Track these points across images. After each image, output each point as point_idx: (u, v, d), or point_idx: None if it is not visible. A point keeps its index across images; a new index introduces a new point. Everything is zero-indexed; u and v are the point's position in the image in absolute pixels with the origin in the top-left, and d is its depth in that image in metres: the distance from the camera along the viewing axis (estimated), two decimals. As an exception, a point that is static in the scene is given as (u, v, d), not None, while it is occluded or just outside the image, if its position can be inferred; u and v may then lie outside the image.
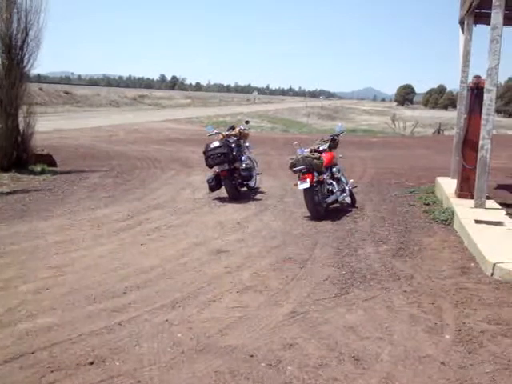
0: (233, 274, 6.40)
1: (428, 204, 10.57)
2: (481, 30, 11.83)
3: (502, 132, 36.70)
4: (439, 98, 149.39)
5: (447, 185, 11.18)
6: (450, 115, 57.85)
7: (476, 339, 4.71)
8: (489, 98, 9.15)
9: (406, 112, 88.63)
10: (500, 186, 12.61)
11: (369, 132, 36.38)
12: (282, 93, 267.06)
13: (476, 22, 11.73)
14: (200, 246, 7.49)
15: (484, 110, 9.23)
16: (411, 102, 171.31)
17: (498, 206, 9.66)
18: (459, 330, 4.88)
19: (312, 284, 6.06)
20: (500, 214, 9.00)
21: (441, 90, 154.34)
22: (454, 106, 19.00)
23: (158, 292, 5.75)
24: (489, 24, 9.16)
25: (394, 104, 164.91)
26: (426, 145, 24.47)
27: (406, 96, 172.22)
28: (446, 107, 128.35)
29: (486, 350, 4.50)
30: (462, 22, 12.16)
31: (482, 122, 9.24)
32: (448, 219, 9.14)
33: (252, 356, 4.36)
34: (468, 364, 4.28)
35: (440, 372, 4.15)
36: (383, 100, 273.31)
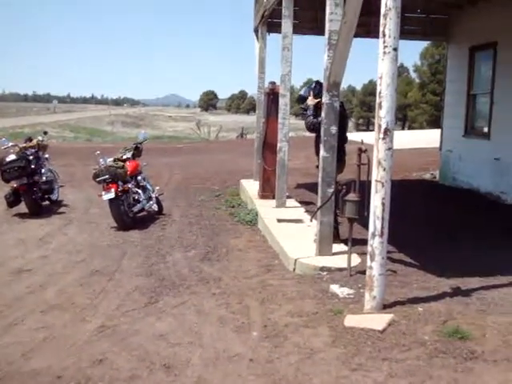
0: (36, 293, 6.08)
1: (233, 206, 10.88)
2: (275, 39, 12.40)
3: (300, 134, 38.84)
4: (241, 103, 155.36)
5: (251, 187, 11.62)
6: (251, 119, 59.90)
7: (281, 333, 4.91)
8: (284, 103, 9.65)
9: (210, 117, 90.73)
10: (299, 185, 13.37)
11: (175, 138, 36.68)
12: (84, 101, 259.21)
13: (269, 31, 12.32)
14: (-2, 267, 7.01)
15: (280, 114, 9.71)
16: (215, 107, 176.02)
17: (298, 204, 10.23)
18: (265, 326, 5.07)
19: (121, 296, 5.95)
20: (299, 212, 9.54)
21: (242, 95, 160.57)
22: (255, 111, 19.69)
23: (-49, 321, 5.29)
24: (281, 33, 9.66)
25: (198, 110, 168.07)
26: (231, 149, 25.16)
27: (209, 102, 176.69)
28: (248, 112, 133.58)
29: (291, 342, 4.72)
30: (256, 31, 12.69)
31: (279, 125, 9.73)
32: (253, 220, 9.48)
33: (59, 377, 4.16)
34: (275, 358, 4.45)
35: (249, 369, 4.27)
36: (187, 106, 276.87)
